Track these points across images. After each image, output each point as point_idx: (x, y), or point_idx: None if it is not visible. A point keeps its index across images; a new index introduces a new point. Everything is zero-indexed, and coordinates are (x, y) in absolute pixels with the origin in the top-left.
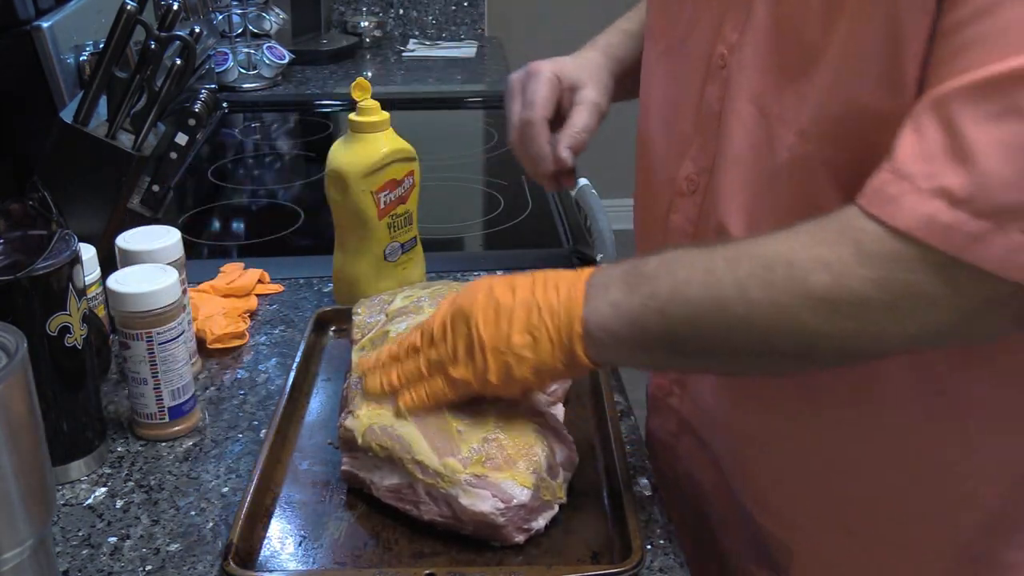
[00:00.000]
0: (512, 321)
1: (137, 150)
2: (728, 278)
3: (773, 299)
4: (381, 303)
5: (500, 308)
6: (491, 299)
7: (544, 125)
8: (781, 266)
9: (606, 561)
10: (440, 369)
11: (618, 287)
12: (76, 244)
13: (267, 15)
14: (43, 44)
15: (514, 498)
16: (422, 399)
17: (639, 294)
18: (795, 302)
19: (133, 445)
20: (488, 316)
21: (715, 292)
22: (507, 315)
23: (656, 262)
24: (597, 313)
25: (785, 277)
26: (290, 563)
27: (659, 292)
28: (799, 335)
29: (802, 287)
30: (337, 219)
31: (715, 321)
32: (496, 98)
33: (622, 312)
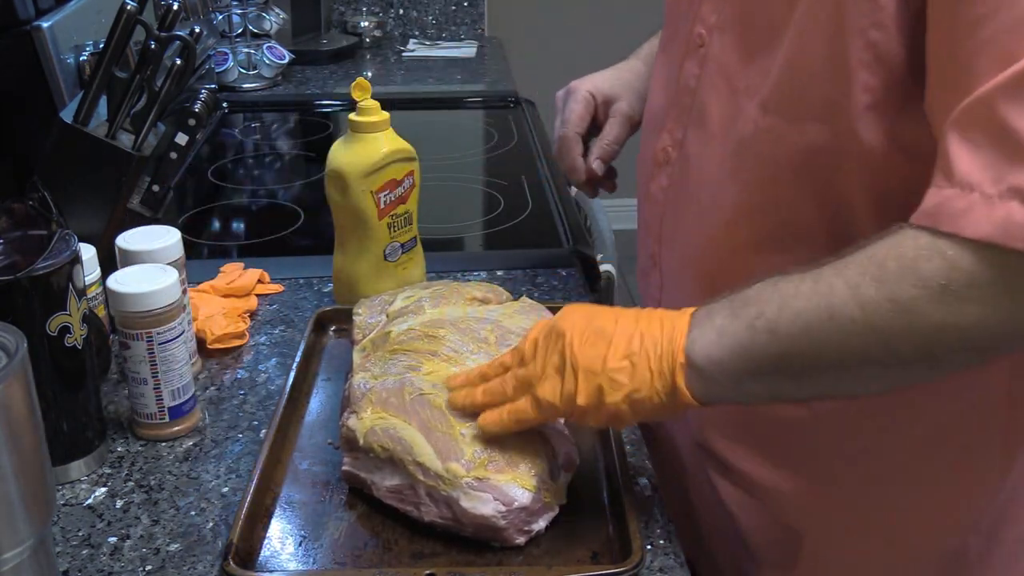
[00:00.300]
0: (611, 345)
1: (137, 150)
2: (838, 282)
3: (889, 295)
4: (382, 303)
5: (600, 332)
6: (590, 322)
7: (577, 140)
8: (892, 260)
9: (606, 561)
10: (526, 389)
11: (722, 313)
12: (76, 244)
13: (267, 15)
14: (43, 44)
15: (515, 500)
16: (501, 419)
17: (745, 316)
18: (913, 293)
19: (133, 445)
20: (585, 337)
21: (827, 299)
22: (606, 339)
23: (759, 285)
24: (701, 340)
25: (898, 269)
26: (290, 563)
27: (766, 311)
28: (921, 331)
29: (917, 276)
30: (337, 219)
31: (829, 330)
32: (496, 98)
33: (727, 336)
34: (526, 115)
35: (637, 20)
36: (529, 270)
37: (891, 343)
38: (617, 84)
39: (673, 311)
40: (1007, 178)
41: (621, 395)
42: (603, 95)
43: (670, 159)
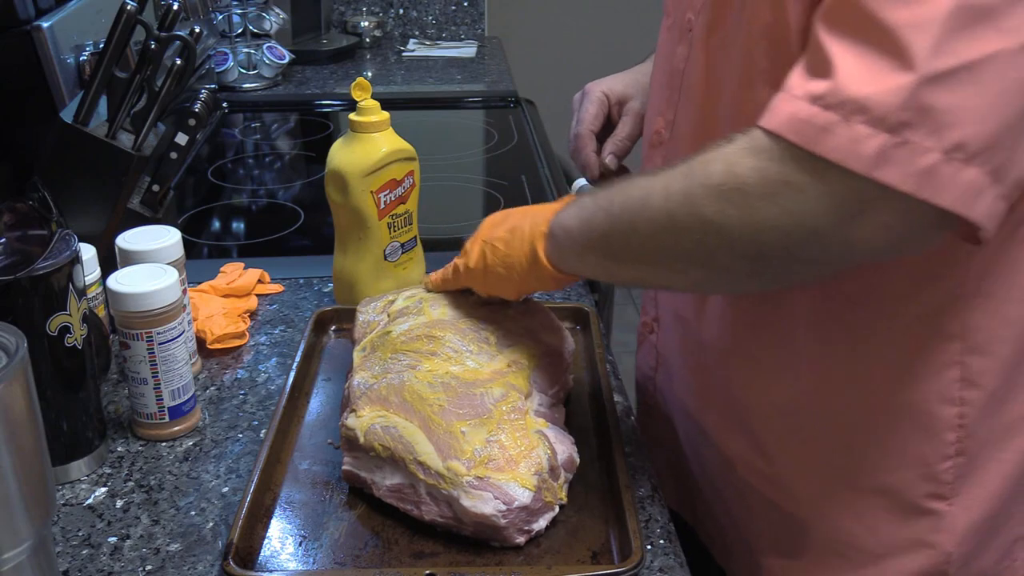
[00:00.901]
0: (505, 221)
1: (137, 150)
2: (661, 176)
3: (685, 189)
4: (384, 303)
5: (506, 215)
6: (506, 211)
7: (591, 137)
8: (699, 162)
9: (606, 561)
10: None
11: (590, 196)
12: (76, 244)
13: (267, 15)
14: (43, 44)
15: (516, 500)
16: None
17: (599, 198)
18: (698, 191)
19: (133, 445)
20: (496, 220)
21: (647, 189)
22: (506, 218)
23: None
24: (564, 213)
25: (696, 168)
26: (290, 563)
27: (612, 195)
28: (698, 228)
29: (704, 175)
30: (337, 219)
31: (639, 214)
32: (496, 98)
33: (582, 212)
34: (526, 115)
35: (637, 20)
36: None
37: (676, 234)
38: (631, 85)
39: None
40: (807, 84)
41: (498, 258)
42: (617, 95)
43: (663, 140)
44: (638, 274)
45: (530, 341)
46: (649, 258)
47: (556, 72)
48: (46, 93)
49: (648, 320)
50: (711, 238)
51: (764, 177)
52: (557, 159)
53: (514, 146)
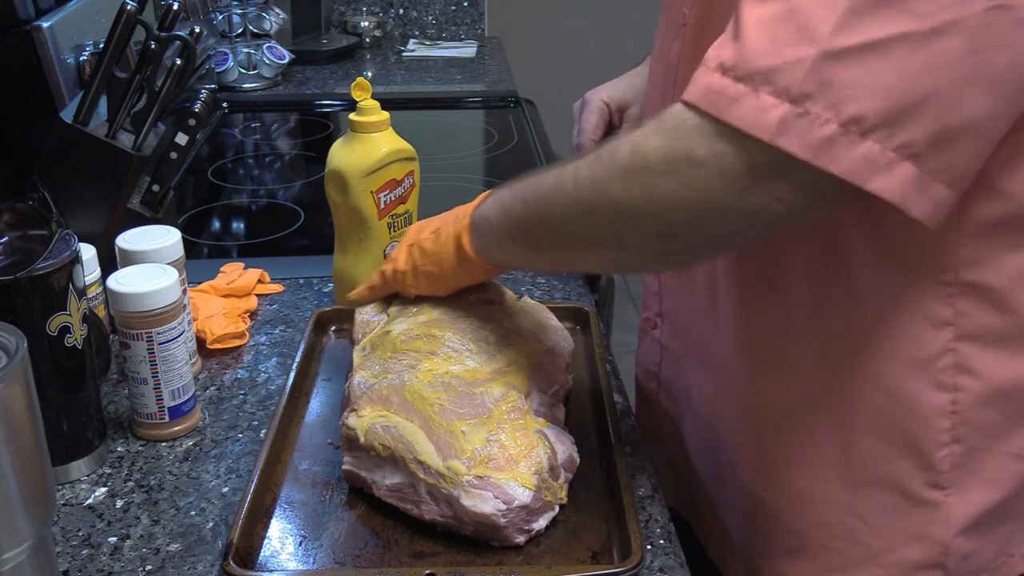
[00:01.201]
0: (429, 224)
1: (137, 150)
2: (572, 163)
3: (593, 173)
4: (382, 304)
5: (429, 220)
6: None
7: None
8: (607, 147)
9: (606, 561)
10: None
11: (507, 187)
12: (76, 244)
13: (267, 15)
14: (43, 44)
15: (516, 499)
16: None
17: (516, 187)
18: (605, 173)
19: (133, 445)
20: (419, 225)
21: (559, 176)
22: (427, 221)
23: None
24: (484, 205)
25: (605, 153)
26: (290, 563)
27: (527, 184)
28: (607, 210)
29: (612, 159)
30: (337, 219)
31: (555, 202)
32: (496, 98)
33: (500, 202)
34: (526, 115)
35: (637, 20)
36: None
37: (588, 217)
38: (629, 90)
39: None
40: (721, 55)
41: (428, 258)
42: (616, 102)
43: None
44: (556, 258)
45: (530, 340)
46: (564, 243)
47: (556, 72)
48: (46, 93)
49: (651, 316)
50: (620, 220)
51: (667, 154)
52: (557, 159)
53: (514, 146)
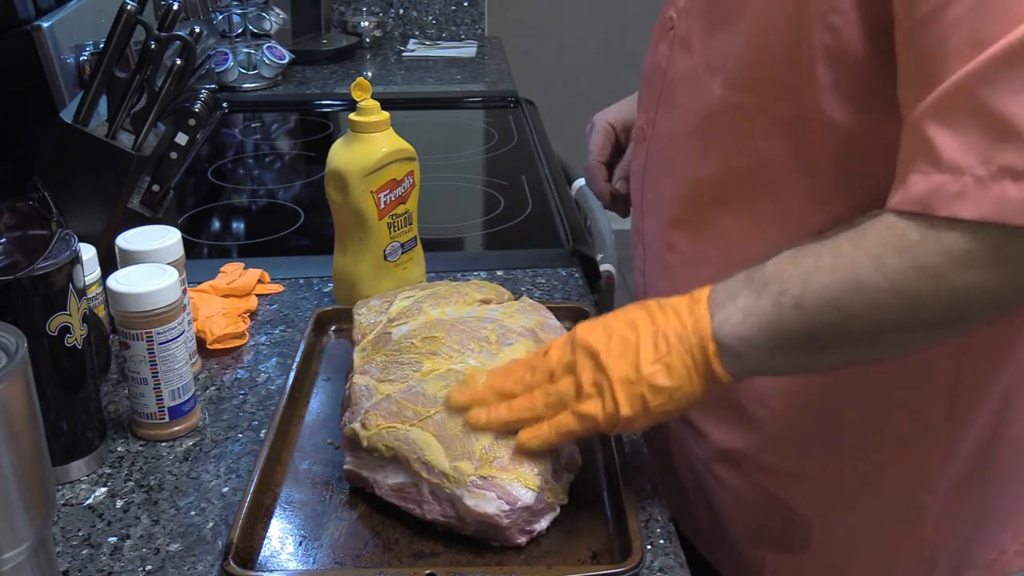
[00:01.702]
0: (639, 352)
1: (137, 150)
2: (859, 254)
3: (914, 263)
4: (381, 305)
5: (625, 340)
6: (612, 334)
7: (600, 168)
8: (912, 230)
9: (606, 561)
10: (562, 406)
11: (744, 294)
12: (76, 244)
13: (267, 15)
14: (43, 44)
15: (519, 500)
16: (544, 434)
17: (768, 294)
18: (939, 260)
19: (133, 445)
20: (614, 349)
21: (850, 272)
22: (633, 347)
23: (775, 262)
24: (728, 323)
25: (921, 238)
26: (290, 563)
27: (789, 287)
28: (946, 295)
29: (941, 246)
30: (337, 219)
31: (855, 301)
32: (496, 98)
33: (753, 316)
34: (526, 115)
35: (637, 20)
36: (529, 270)
37: (918, 309)
38: (634, 109)
39: (680, 299)
40: (995, 158)
41: (664, 397)
42: (621, 122)
43: (646, 136)
44: (846, 356)
45: (530, 340)
46: (868, 339)
47: (556, 72)
48: (46, 93)
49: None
50: (966, 303)
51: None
52: (557, 159)
53: (514, 146)
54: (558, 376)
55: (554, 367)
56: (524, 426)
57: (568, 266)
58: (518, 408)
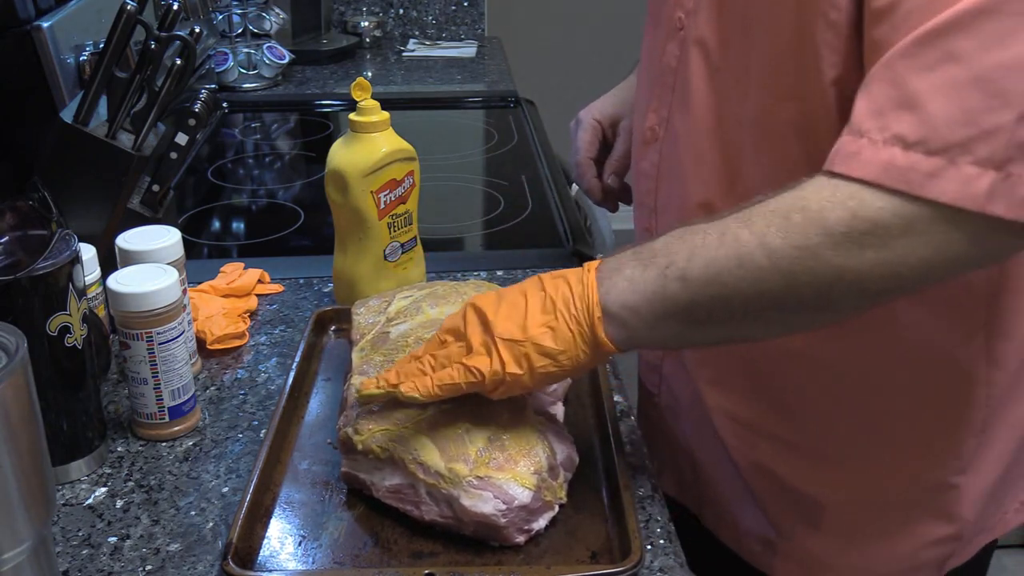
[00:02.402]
0: (528, 315)
1: (137, 150)
2: (744, 233)
3: (795, 243)
4: (380, 304)
5: (514, 305)
6: (503, 300)
7: (589, 164)
8: (796, 212)
9: (605, 561)
10: (451, 362)
11: (631, 266)
12: (76, 244)
13: (267, 15)
14: (43, 44)
15: (516, 499)
16: (428, 386)
17: (655, 266)
18: (816, 241)
19: (133, 445)
20: (502, 312)
21: (734, 248)
22: (521, 311)
23: (664, 239)
24: (615, 290)
25: (803, 221)
26: (289, 563)
27: (676, 260)
28: (822, 276)
29: (821, 226)
30: (337, 219)
31: (738, 277)
32: (496, 98)
33: (640, 286)
34: (526, 115)
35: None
36: (529, 270)
37: (794, 287)
38: (619, 104)
39: (571, 270)
40: (892, 126)
41: (549, 359)
42: (608, 117)
43: (658, 136)
44: (725, 333)
45: None
46: (747, 315)
47: (556, 72)
48: (46, 93)
49: None
50: (840, 284)
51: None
52: (557, 159)
53: (514, 146)
54: (449, 341)
55: (444, 334)
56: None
57: (568, 266)
58: (405, 371)
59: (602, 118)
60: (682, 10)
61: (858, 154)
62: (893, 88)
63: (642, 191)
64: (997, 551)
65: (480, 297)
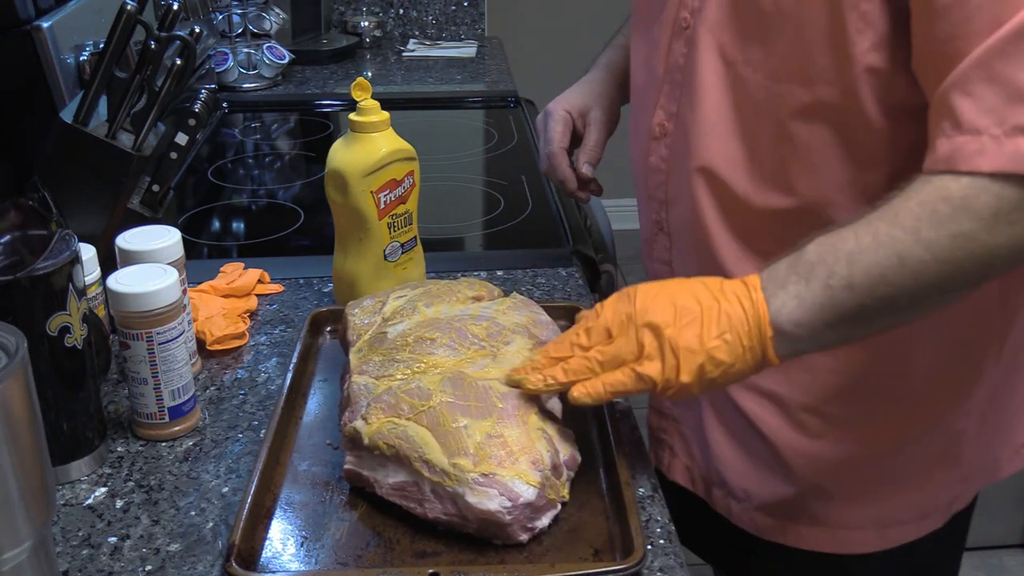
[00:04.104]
0: (703, 326)
1: (137, 150)
2: (897, 232)
3: (950, 231)
4: (375, 305)
5: (689, 311)
6: (676, 304)
7: (562, 154)
8: (941, 203)
9: (608, 559)
10: (619, 364)
11: (793, 282)
12: (76, 244)
13: (267, 15)
14: (43, 44)
15: (520, 496)
16: (597, 390)
17: (816, 279)
18: (969, 227)
19: (133, 445)
20: (681, 320)
21: (891, 248)
22: (698, 321)
23: (816, 247)
24: (784, 309)
25: (950, 211)
26: (292, 564)
27: (837, 270)
28: (980, 256)
29: (970, 212)
30: (337, 219)
31: (902, 274)
32: (496, 98)
33: (807, 301)
34: (526, 115)
35: None
36: (529, 270)
37: (957, 272)
38: (587, 96)
39: (735, 283)
40: (1009, 119)
41: (720, 371)
42: (578, 109)
43: (667, 131)
44: (888, 324)
45: (525, 337)
46: (912, 304)
47: (556, 72)
48: (46, 93)
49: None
50: (997, 260)
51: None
52: None
53: (514, 146)
54: (616, 335)
55: (611, 326)
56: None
57: (568, 266)
58: (575, 369)
59: (572, 109)
60: (687, 10)
61: (982, 151)
62: (999, 86)
63: (652, 185)
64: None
65: (650, 297)
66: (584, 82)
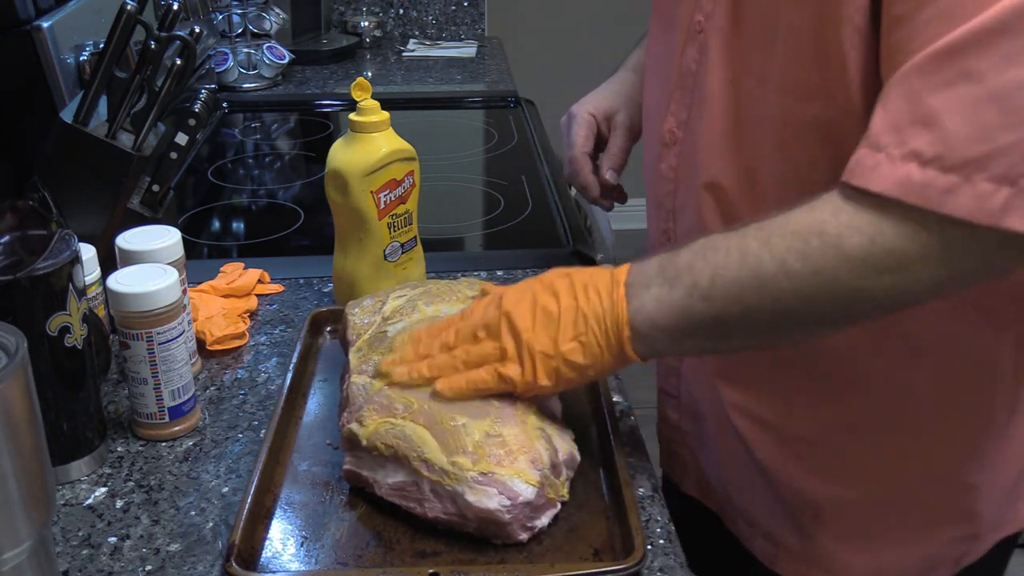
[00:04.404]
0: (560, 329)
1: (137, 150)
2: (765, 256)
3: (813, 268)
4: (374, 304)
5: (548, 315)
6: (536, 306)
7: (585, 159)
8: (814, 236)
9: (608, 559)
10: (482, 364)
11: (658, 284)
12: (76, 244)
13: (267, 15)
14: (43, 44)
15: (520, 495)
16: (460, 385)
17: (681, 286)
18: (835, 266)
19: (133, 445)
20: (538, 323)
21: (756, 271)
22: (554, 323)
23: (688, 253)
24: (643, 312)
25: (821, 246)
26: (292, 564)
27: (700, 281)
28: (841, 298)
29: (840, 252)
30: (337, 219)
31: (760, 298)
32: (496, 98)
33: (666, 306)
34: (526, 115)
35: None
36: (529, 270)
37: (814, 307)
38: (613, 98)
39: (601, 277)
40: (909, 141)
41: (577, 372)
42: (602, 112)
43: (677, 139)
44: (746, 343)
45: None
46: (770, 329)
47: (556, 72)
48: (46, 93)
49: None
50: (857, 304)
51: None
52: (557, 159)
53: (514, 146)
54: (481, 338)
55: (477, 329)
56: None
57: (568, 266)
58: (439, 366)
59: (597, 112)
60: (701, 13)
61: (876, 168)
62: (910, 104)
63: (661, 193)
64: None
65: (514, 301)
66: (611, 83)
